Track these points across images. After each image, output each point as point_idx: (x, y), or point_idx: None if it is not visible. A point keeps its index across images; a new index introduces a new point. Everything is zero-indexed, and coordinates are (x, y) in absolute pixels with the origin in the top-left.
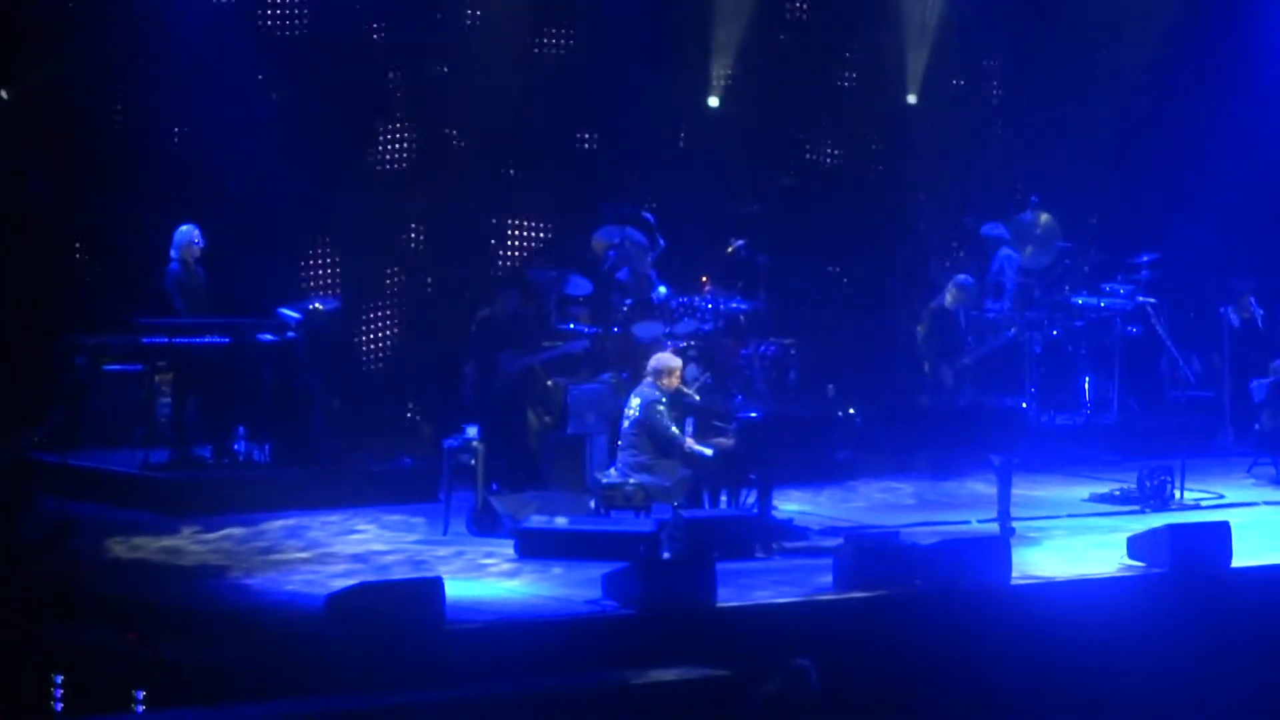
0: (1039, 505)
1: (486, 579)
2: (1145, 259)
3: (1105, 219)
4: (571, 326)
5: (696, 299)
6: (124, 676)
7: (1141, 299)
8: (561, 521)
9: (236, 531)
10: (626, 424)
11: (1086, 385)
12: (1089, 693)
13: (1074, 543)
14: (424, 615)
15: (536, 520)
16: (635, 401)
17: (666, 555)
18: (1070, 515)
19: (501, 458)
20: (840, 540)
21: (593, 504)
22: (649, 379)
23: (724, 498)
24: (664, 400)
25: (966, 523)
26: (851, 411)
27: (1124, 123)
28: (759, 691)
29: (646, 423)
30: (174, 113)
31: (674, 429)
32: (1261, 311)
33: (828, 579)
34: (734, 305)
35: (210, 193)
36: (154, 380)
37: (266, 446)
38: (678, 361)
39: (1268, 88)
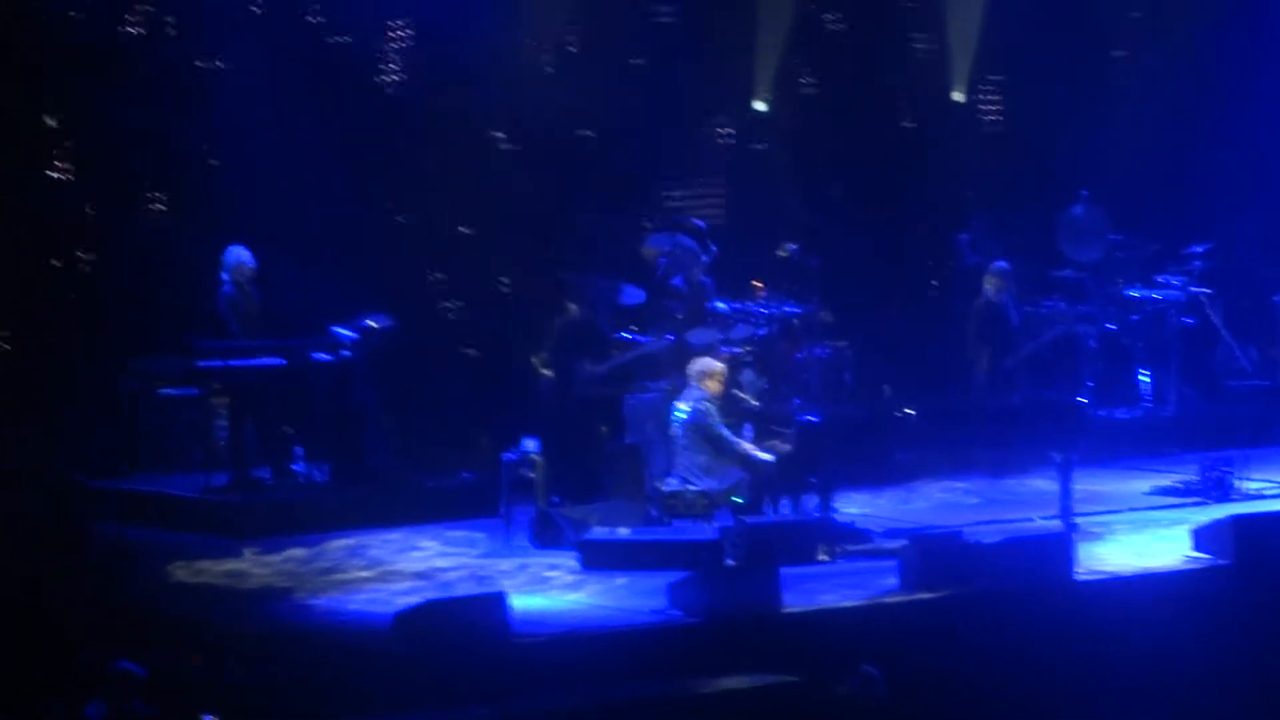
0: (1101, 500)
1: (551, 592)
2: (1198, 249)
3: (1157, 210)
4: (627, 336)
5: (750, 304)
6: (193, 699)
7: (1195, 290)
8: (624, 532)
9: (298, 552)
10: (677, 430)
11: (1144, 378)
12: (1157, 687)
13: (1138, 537)
14: (490, 630)
15: (599, 531)
16: (683, 406)
17: (730, 562)
18: (1133, 509)
19: (570, 468)
20: (903, 542)
21: (654, 513)
22: (692, 383)
23: (785, 502)
24: (709, 400)
25: (1029, 520)
26: (909, 412)
27: (1174, 113)
28: (828, 697)
29: (696, 424)
30: (221, 131)
31: (724, 429)
32: None
33: (893, 581)
34: (787, 309)
35: (259, 211)
36: (210, 403)
37: (325, 466)
38: (719, 365)
39: None
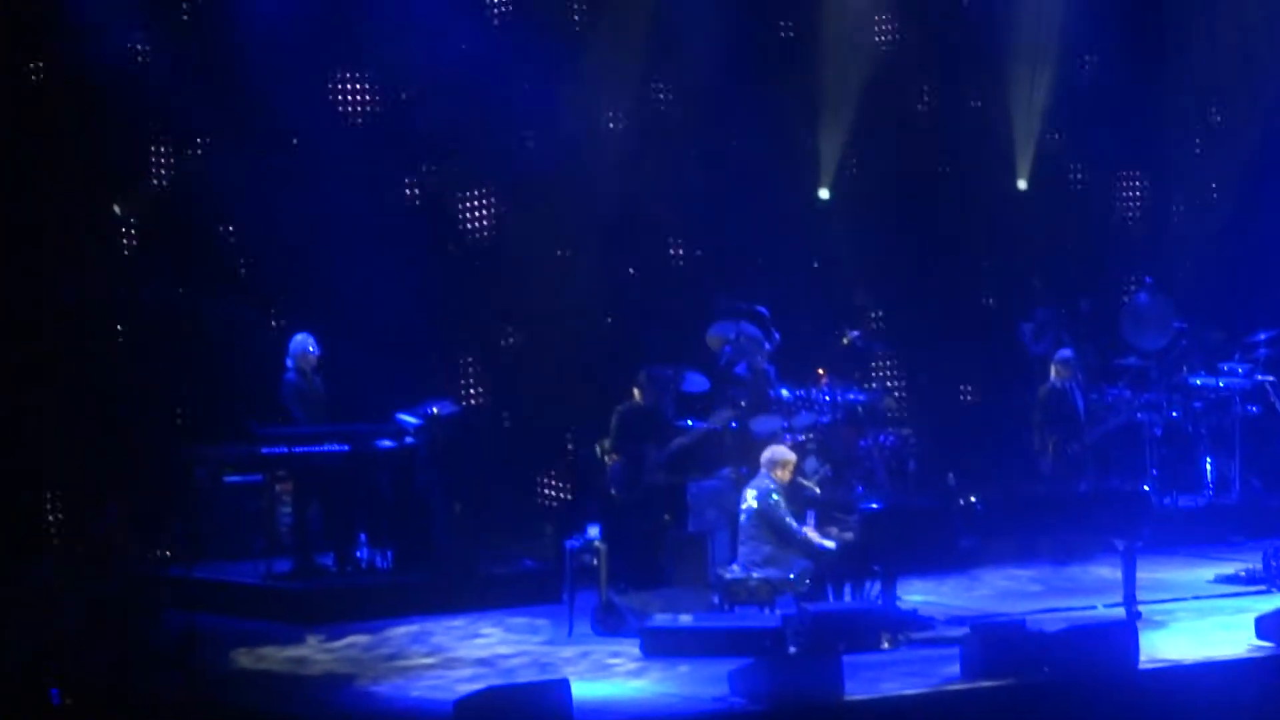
0: (1164, 588)
1: (613, 679)
2: (1262, 337)
3: (1221, 298)
4: (690, 423)
5: (813, 391)
6: None
7: (1260, 377)
8: (686, 619)
9: (361, 639)
10: (744, 517)
11: (1208, 466)
12: None
13: (1201, 625)
14: (552, 717)
15: (661, 618)
16: (751, 494)
17: (792, 649)
18: (1196, 597)
19: (633, 555)
20: (966, 630)
21: (716, 600)
22: (763, 470)
23: (848, 590)
24: (778, 490)
25: (1092, 608)
26: (973, 499)
27: (1238, 202)
28: None
29: (764, 513)
30: (285, 219)
31: (790, 519)
32: None
33: (955, 669)
34: (851, 396)
35: (324, 299)
36: (275, 490)
37: (389, 553)
38: (791, 454)
39: None
